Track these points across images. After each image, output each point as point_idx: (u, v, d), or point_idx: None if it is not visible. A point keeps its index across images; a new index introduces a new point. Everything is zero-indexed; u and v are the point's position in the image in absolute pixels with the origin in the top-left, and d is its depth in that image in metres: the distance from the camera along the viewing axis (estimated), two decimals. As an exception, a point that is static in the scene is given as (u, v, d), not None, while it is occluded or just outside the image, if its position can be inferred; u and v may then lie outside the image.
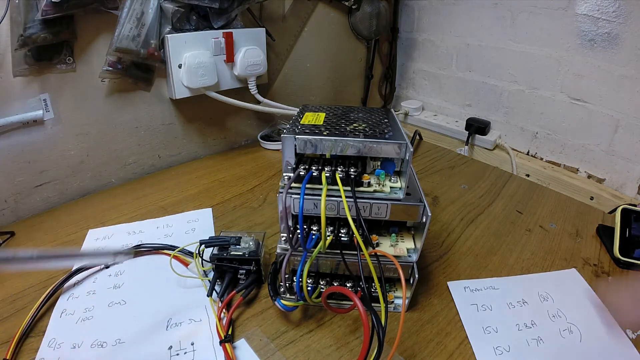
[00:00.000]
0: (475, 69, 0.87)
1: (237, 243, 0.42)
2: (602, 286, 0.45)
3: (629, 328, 0.39)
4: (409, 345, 0.37)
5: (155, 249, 0.48)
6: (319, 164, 0.36)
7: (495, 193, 0.65)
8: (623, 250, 0.49)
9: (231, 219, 0.55)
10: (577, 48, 0.70)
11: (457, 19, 0.87)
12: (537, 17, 0.74)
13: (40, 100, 0.54)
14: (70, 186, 0.62)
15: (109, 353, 0.35)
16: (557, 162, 0.80)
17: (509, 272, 0.47)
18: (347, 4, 0.84)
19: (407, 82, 1.04)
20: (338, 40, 0.88)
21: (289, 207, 0.36)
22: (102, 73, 0.58)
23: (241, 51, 0.67)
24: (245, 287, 0.41)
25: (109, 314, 0.40)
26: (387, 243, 0.39)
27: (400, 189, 0.37)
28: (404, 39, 1.00)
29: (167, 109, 0.68)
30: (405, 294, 0.33)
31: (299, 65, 0.84)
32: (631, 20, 0.63)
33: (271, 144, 0.79)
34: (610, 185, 0.73)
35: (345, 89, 0.97)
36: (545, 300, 0.42)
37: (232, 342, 0.36)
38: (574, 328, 0.39)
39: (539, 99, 0.78)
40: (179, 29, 0.62)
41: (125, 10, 0.55)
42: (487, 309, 0.41)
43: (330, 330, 0.38)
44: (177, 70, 0.63)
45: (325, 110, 0.44)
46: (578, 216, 0.59)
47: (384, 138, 0.35)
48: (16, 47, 0.50)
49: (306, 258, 0.36)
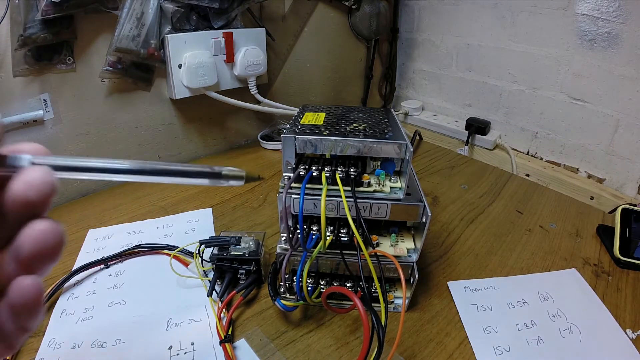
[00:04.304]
0: (475, 69, 0.87)
1: (237, 243, 0.42)
2: (602, 286, 0.45)
3: (629, 328, 0.39)
4: (409, 345, 0.37)
5: (155, 249, 0.48)
6: (319, 164, 0.36)
7: (495, 193, 0.65)
8: (623, 250, 0.49)
9: (231, 219, 0.55)
10: (577, 48, 0.70)
11: (457, 19, 0.87)
12: (537, 17, 0.74)
13: (40, 100, 0.54)
14: (70, 186, 0.62)
15: (109, 353, 0.35)
16: (557, 162, 0.80)
17: (509, 272, 0.47)
18: (347, 4, 0.84)
19: (407, 82, 1.04)
20: (338, 40, 0.88)
21: (289, 207, 0.36)
22: (102, 73, 0.58)
23: (241, 51, 0.67)
24: (245, 287, 0.41)
25: (109, 314, 0.40)
26: (387, 243, 0.39)
27: (400, 189, 0.37)
28: (404, 39, 1.00)
29: (167, 109, 0.68)
30: (405, 294, 0.33)
31: (299, 65, 0.84)
32: (631, 20, 0.63)
33: (271, 144, 0.79)
34: (610, 185, 0.73)
35: (345, 89, 0.97)
36: (545, 300, 0.42)
37: (232, 342, 0.36)
38: (574, 328, 0.39)
39: (539, 99, 0.78)
40: (179, 29, 0.62)
41: (125, 10, 0.55)
42: (487, 309, 0.41)
43: (330, 330, 0.38)
44: (177, 70, 0.63)
45: (325, 110, 0.44)
46: (578, 216, 0.59)
47: (384, 138, 0.35)
48: (16, 47, 0.50)
49: (306, 258, 0.36)
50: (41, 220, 0.16)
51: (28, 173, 0.16)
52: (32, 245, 0.16)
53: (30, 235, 0.16)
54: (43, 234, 0.16)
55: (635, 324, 0.40)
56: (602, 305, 0.42)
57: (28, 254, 0.16)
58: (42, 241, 0.16)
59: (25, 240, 0.16)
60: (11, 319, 0.17)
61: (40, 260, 0.16)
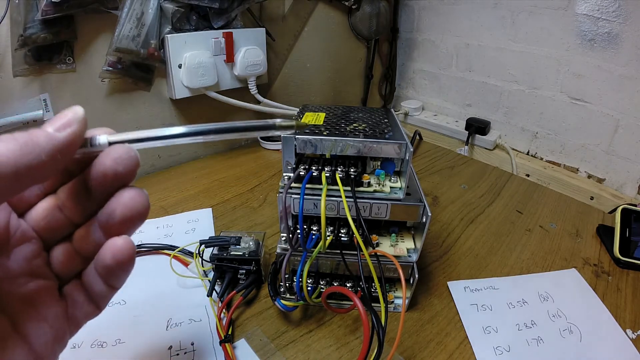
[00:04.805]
0: (475, 69, 0.87)
1: (237, 243, 0.42)
2: (602, 286, 0.45)
3: (629, 328, 0.39)
4: (409, 345, 0.37)
5: (155, 249, 0.48)
6: (319, 164, 0.36)
7: (495, 193, 0.65)
8: (623, 250, 0.49)
9: (231, 219, 0.55)
10: (577, 48, 0.70)
11: (457, 19, 0.87)
12: (537, 17, 0.74)
13: (40, 100, 0.54)
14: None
15: (109, 353, 0.35)
16: (557, 162, 0.80)
17: (509, 272, 0.47)
18: (347, 4, 0.84)
19: (407, 82, 1.04)
20: (338, 40, 0.88)
21: (289, 207, 0.36)
22: (102, 73, 0.58)
23: (241, 51, 0.67)
24: (245, 287, 0.41)
25: (109, 314, 0.39)
26: (387, 243, 0.39)
27: (400, 189, 0.37)
28: (404, 39, 1.00)
29: (167, 109, 0.68)
30: (405, 294, 0.33)
31: (299, 65, 0.84)
32: (631, 20, 0.63)
33: (271, 144, 0.79)
34: (610, 185, 0.73)
35: (345, 89, 0.97)
36: (545, 300, 0.42)
37: (232, 342, 0.36)
38: (574, 328, 0.39)
39: (539, 99, 0.78)
40: (179, 29, 0.62)
41: (125, 10, 0.55)
42: (487, 309, 0.41)
43: (330, 330, 0.38)
44: (177, 70, 0.63)
45: (325, 110, 0.44)
46: (578, 216, 0.59)
47: (384, 138, 0.35)
48: (16, 47, 0.50)
49: (306, 258, 0.36)
50: (129, 188, 0.19)
51: (114, 150, 0.18)
52: (124, 210, 0.19)
53: (120, 201, 0.19)
54: (132, 199, 0.19)
55: (635, 324, 0.40)
56: (602, 305, 0.42)
57: (120, 217, 0.19)
58: (132, 205, 0.19)
59: (117, 207, 0.18)
60: (101, 280, 0.20)
61: (131, 222, 0.19)
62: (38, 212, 0.19)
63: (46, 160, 0.16)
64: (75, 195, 0.19)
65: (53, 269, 0.20)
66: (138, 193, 0.19)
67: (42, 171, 0.16)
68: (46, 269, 0.20)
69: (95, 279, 0.20)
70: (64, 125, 0.17)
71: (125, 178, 0.18)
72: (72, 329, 0.21)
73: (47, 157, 0.16)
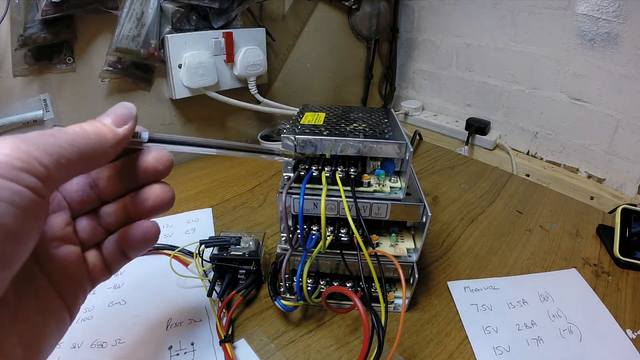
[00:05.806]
0: (475, 69, 0.87)
1: (237, 243, 0.42)
2: (602, 286, 0.45)
3: (629, 328, 0.39)
4: (409, 345, 0.37)
5: (155, 249, 0.48)
6: (319, 164, 0.36)
7: (495, 193, 0.65)
8: (623, 250, 0.49)
9: (231, 219, 0.55)
10: (577, 48, 0.70)
11: (457, 19, 0.87)
12: (537, 17, 0.74)
13: (40, 100, 0.54)
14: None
15: (109, 353, 0.35)
16: (557, 162, 0.80)
17: (509, 272, 0.47)
18: (347, 4, 0.84)
19: (407, 82, 1.04)
20: (338, 40, 0.88)
21: (289, 207, 0.36)
22: (102, 73, 0.58)
23: (241, 51, 0.67)
24: (245, 287, 0.41)
25: (109, 314, 0.40)
26: (387, 243, 0.39)
27: (400, 189, 0.37)
28: (404, 39, 1.00)
29: (167, 109, 0.68)
30: (405, 294, 0.33)
31: (299, 65, 0.84)
32: (631, 20, 0.63)
33: (271, 144, 0.79)
34: (610, 185, 0.73)
35: (345, 89, 0.97)
36: (545, 300, 0.42)
37: (232, 342, 0.36)
38: (574, 328, 0.39)
39: (539, 99, 0.78)
40: (179, 29, 0.62)
41: (125, 10, 0.55)
42: (487, 309, 0.41)
43: (330, 330, 0.38)
44: (177, 70, 0.63)
45: (325, 110, 0.44)
46: (578, 216, 0.59)
47: (384, 138, 0.35)
48: (16, 47, 0.50)
49: (306, 258, 0.36)
50: (161, 183, 0.24)
51: (157, 151, 0.23)
52: (155, 200, 0.23)
53: (154, 192, 0.23)
54: (164, 192, 0.23)
55: (635, 324, 0.40)
56: (602, 305, 0.42)
57: (152, 205, 0.23)
58: (162, 197, 0.23)
59: (150, 196, 0.23)
60: (119, 250, 0.24)
61: (159, 209, 0.23)
62: (73, 187, 0.23)
63: (110, 152, 0.20)
64: (109, 178, 0.23)
65: (78, 237, 0.23)
66: (168, 188, 0.24)
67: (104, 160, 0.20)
68: (74, 236, 0.23)
69: (114, 249, 0.24)
70: (122, 122, 0.21)
71: (161, 174, 0.23)
72: (89, 288, 0.24)
73: (111, 150, 0.20)
